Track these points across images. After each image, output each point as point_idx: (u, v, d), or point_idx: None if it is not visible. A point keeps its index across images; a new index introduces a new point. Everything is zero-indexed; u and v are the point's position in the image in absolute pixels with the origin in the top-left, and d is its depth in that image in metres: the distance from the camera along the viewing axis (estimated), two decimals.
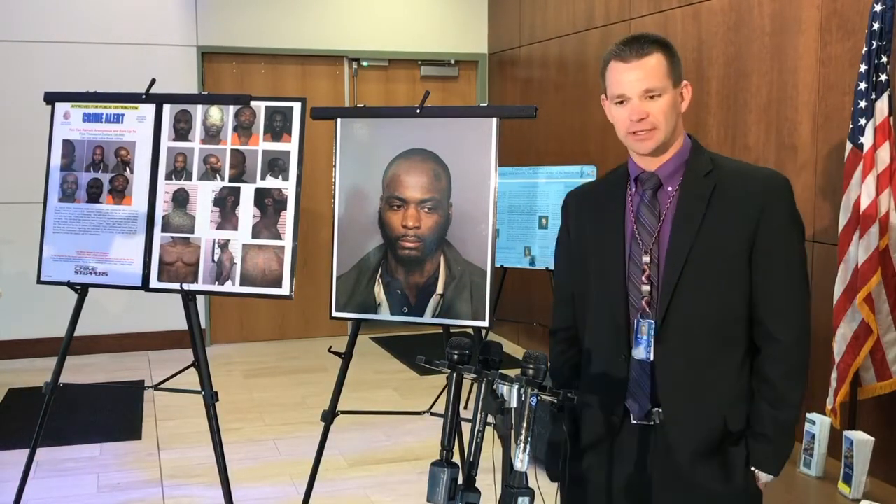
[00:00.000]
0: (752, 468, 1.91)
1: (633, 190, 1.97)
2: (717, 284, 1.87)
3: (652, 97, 1.85)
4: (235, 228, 3.50)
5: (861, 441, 2.78)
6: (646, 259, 1.91)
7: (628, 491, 1.96)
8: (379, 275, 3.49)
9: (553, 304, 2.15)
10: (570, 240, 2.08)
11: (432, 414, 3.55)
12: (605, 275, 1.97)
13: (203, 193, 3.54)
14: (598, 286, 1.99)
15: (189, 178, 3.55)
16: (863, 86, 3.24)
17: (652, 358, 1.90)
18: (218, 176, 3.53)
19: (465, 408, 4.83)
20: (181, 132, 3.57)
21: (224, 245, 3.51)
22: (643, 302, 1.91)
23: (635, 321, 1.92)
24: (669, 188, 1.92)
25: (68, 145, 3.66)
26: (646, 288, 1.91)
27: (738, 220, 1.86)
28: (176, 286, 3.51)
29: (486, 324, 3.38)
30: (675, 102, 1.88)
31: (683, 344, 1.89)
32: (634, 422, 1.94)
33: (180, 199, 3.55)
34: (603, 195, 2.03)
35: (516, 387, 1.69)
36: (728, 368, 1.90)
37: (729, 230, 1.86)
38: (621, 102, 1.88)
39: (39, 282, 3.63)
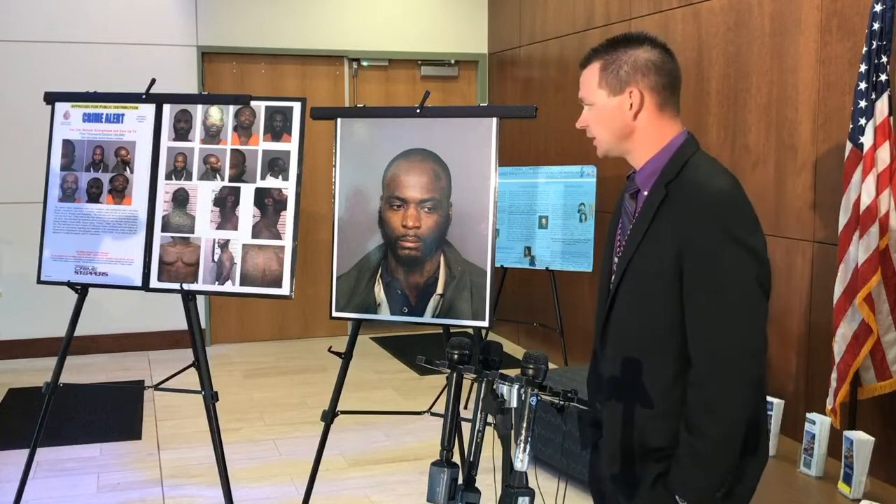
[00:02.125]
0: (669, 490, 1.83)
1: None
2: (648, 298, 1.83)
3: (588, 108, 1.92)
4: (235, 228, 3.50)
5: (861, 441, 2.78)
6: (616, 259, 1.95)
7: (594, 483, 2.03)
8: (379, 275, 3.49)
9: None
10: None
11: (432, 414, 3.55)
12: (601, 272, 2.04)
13: (203, 193, 3.54)
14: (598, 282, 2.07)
15: (189, 178, 3.55)
16: (863, 86, 3.24)
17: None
18: (218, 176, 3.53)
19: (465, 408, 4.83)
20: (181, 132, 3.57)
21: (224, 245, 3.51)
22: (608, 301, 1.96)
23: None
24: (644, 192, 1.90)
25: (68, 145, 3.66)
26: (612, 288, 1.94)
27: (668, 238, 1.79)
28: (176, 286, 3.51)
29: (486, 324, 3.38)
30: (609, 113, 1.87)
31: (617, 350, 1.91)
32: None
33: (180, 199, 3.55)
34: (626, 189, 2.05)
35: (516, 387, 1.69)
36: (655, 383, 1.84)
37: (662, 245, 1.80)
38: None
39: (39, 282, 3.63)
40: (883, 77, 3.20)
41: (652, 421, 1.85)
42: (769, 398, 3.03)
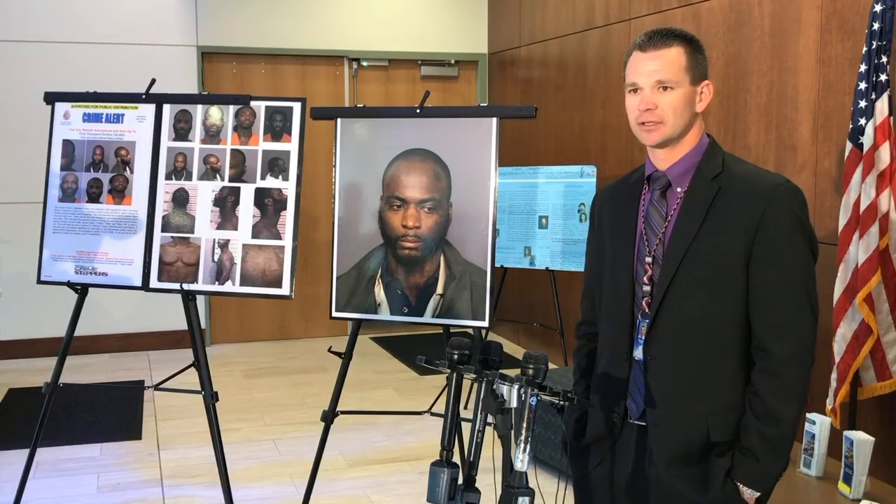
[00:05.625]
0: (737, 482, 1.85)
1: (647, 189, 1.97)
2: (710, 290, 1.84)
3: (663, 89, 1.85)
4: (235, 228, 3.50)
5: (861, 441, 2.78)
6: (648, 259, 1.92)
7: (626, 490, 1.96)
8: (379, 275, 3.49)
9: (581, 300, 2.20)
10: (595, 238, 2.10)
11: (432, 414, 3.55)
12: (615, 273, 1.99)
13: (203, 193, 3.54)
14: (609, 284, 2.01)
15: (189, 178, 3.55)
16: (863, 86, 3.24)
17: (640, 358, 1.91)
18: (218, 176, 3.53)
19: (465, 408, 4.83)
20: (181, 132, 3.57)
21: (224, 245, 3.51)
22: (644, 302, 1.92)
23: (638, 321, 1.93)
24: (678, 189, 1.90)
25: (68, 145, 3.66)
26: (647, 288, 1.91)
27: (737, 227, 1.82)
28: (176, 286, 3.51)
29: (486, 324, 3.38)
30: (688, 99, 1.86)
31: (671, 347, 1.87)
32: (632, 421, 1.95)
33: (180, 199, 3.55)
34: (623, 193, 2.03)
35: (516, 387, 1.69)
36: (717, 376, 1.86)
37: (726, 236, 1.83)
38: (634, 91, 1.89)
39: (39, 282, 3.63)
40: (883, 77, 3.20)
41: (718, 415, 1.86)
42: None
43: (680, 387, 1.87)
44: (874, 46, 3.20)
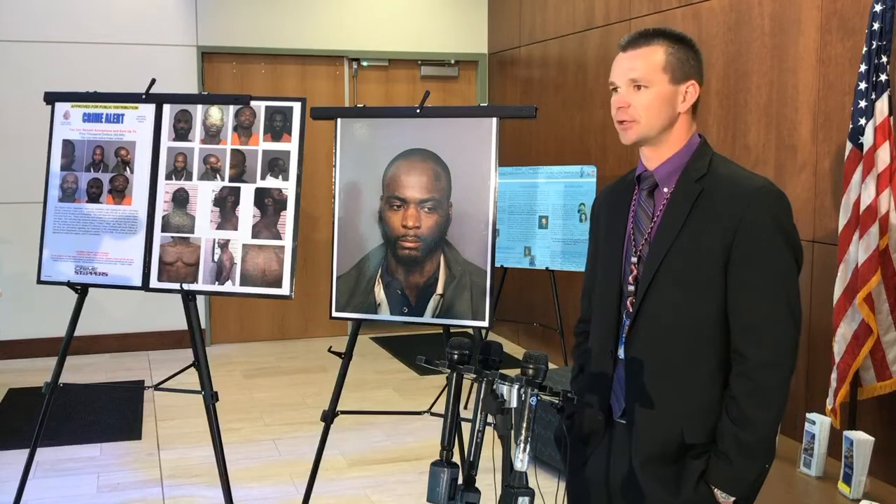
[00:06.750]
0: (711, 486, 1.84)
1: (637, 189, 1.98)
2: (689, 292, 1.83)
3: (637, 88, 1.85)
4: (235, 228, 3.50)
5: (861, 441, 2.78)
6: (634, 259, 1.92)
7: (612, 488, 1.97)
8: (379, 275, 3.49)
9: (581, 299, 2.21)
10: (594, 238, 2.11)
11: (432, 414, 3.55)
12: (605, 273, 2.00)
13: (203, 193, 3.54)
14: (600, 283, 2.02)
15: (189, 178, 3.55)
16: (863, 86, 3.24)
17: (622, 357, 1.92)
18: (218, 176, 3.53)
19: (465, 408, 4.83)
20: (181, 132, 3.57)
21: (224, 245, 3.51)
22: (628, 301, 1.92)
23: (623, 320, 1.94)
24: (665, 189, 1.90)
25: (68, 145, 3.66)
26: (631, 288, 1.92)
27: (717, 228, 1.80)
28: (176, 286, 3.51)
29: (486, 324, 3.38)
30: (665, 98, 1.85)
31: (649, 347, 1.87)
32: (616, 419, 1.96)
33: (180, 199, 3.55)
34: (618, 193, 2.04)
35: (516, 387, 1.69)
36: (694, 379, 1.84)
37: (707, 238, 1.81)
38: (614, 90, 1.90)
39: (39, 282, 3.63)
40: (883, 77, 3.20)
41: (693, 417, 1.84)
42: None
43: (656, 386, 1.87)
44: (874, 46, 3.20)
